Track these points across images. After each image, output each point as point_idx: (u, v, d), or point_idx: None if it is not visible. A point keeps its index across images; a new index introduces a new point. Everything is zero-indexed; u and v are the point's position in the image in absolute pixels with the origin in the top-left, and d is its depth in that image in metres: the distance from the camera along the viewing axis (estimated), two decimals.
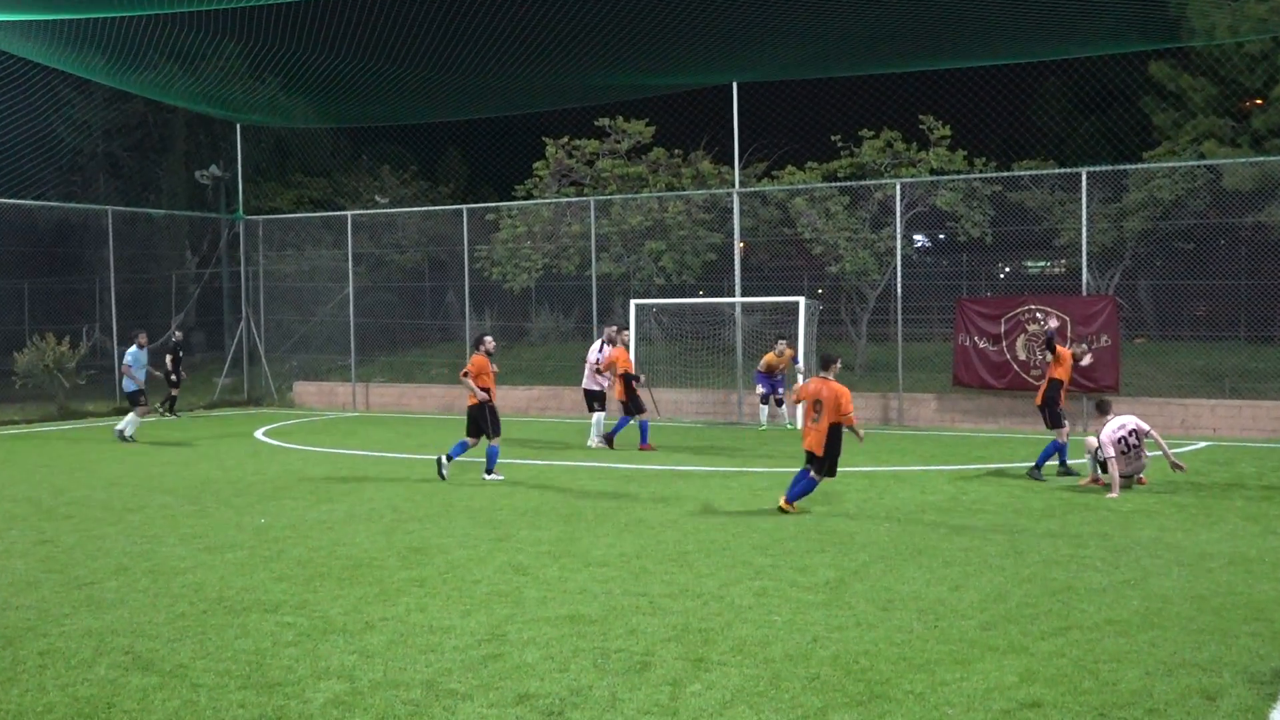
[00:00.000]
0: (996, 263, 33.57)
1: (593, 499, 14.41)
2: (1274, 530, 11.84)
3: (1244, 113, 27.97)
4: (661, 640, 7.89)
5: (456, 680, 7.09)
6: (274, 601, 9.12)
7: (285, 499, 14.67)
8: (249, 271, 32.70)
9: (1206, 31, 25.21)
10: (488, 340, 16.42)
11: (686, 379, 26.83)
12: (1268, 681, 6.88)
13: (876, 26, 23.13)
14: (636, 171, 32.89)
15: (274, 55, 24.49)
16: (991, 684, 6.87)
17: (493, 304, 33.34)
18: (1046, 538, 11.47)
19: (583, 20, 22.36)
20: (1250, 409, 21.56)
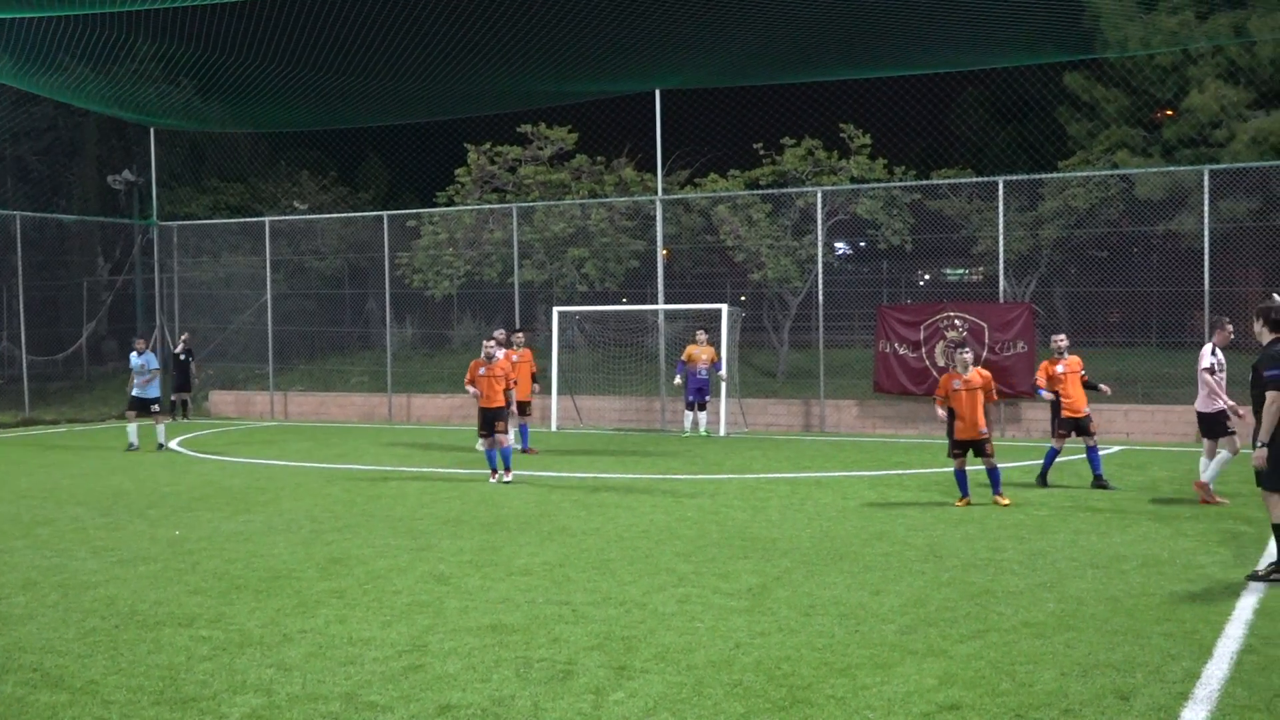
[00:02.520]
0: (916, 270, 34.01)
1: (514, 507, 14.33)
2: (1185, 533, 12.08)
3: (1155, 123, 28.60)
4: (584, 648, 7.85)
5: (376, 692, 6.99)
6: (189, 615, 8.95)
7: (201, 510, 14.41)
8: (163, 279, 32.13)
9: (1119, 44, 25.75)
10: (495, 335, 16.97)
11: (609, 386, 26.81)
12: (1179, 681, 7.00)
13: (798, 36, 23.31)
14: (559, 178, 32.83)
15: (189, 58, 24.10)
16: (911, 687, 6.92)
17: (414, 311, 33.09)
18: (965, 542, 11.60)
19: (505, 26, 22.29)
20: (1162, 413, 22.01)
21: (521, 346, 20.77)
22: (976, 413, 14.33)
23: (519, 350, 20.55)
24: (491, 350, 16.98)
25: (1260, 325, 9.87)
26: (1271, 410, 9.55)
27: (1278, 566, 9.69)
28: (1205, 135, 26.58)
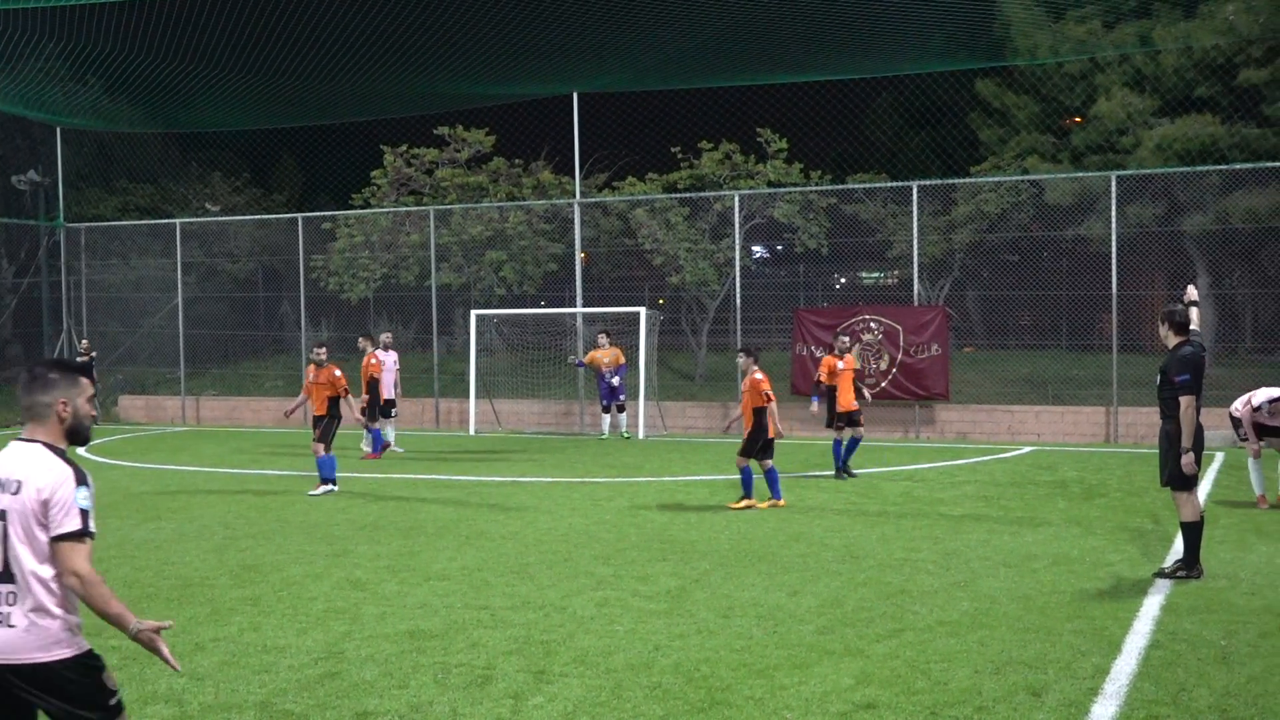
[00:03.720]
0: (833, 273, 34.33)
1: (432, 512, 14.23)
2: (1094, 531, 12.32)
3: (1064, 130, 29.17)
4: (503, 653, 7.81)
5: (292, 700, 6.90)
6: (96, 624, 8.65)
7: (110, 518, 14.11)
8: (70, 281, 31.41)
9: (1029, 51, 26.22)
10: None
11: (527, 390, 26.73)
12: (1089, 677, 7.13)
13: (714, 40, 23.42)
14: (477, 181, 32.67)
15: (96, 56, 23.59)
16: (829, 687, 6.98)
17: (329, 315, 32.71)
18: (881, 542, 11.73)
19: (422, 27, 22.13)
20: (1072, 415, 22.44)
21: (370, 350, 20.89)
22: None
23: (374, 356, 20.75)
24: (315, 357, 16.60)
25: (1165, 329, 10.06)
26: (1188, 415, 9.74)
27: (1184, 564, 9.93)
28: (1112, 142, 27.16)
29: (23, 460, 4.49)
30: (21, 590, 4.39)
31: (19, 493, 4.41)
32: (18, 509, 4.40)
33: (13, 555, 4.39)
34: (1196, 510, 9.92)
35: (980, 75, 29.38)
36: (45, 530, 4.39)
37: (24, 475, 4.44)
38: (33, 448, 4.53)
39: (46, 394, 4.57)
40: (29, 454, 4.51)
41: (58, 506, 4.39)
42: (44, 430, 4.58)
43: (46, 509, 4.39)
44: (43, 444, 4.55)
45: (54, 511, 4.39)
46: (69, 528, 4.39)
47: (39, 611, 4.40)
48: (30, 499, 4.39)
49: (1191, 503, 9.91)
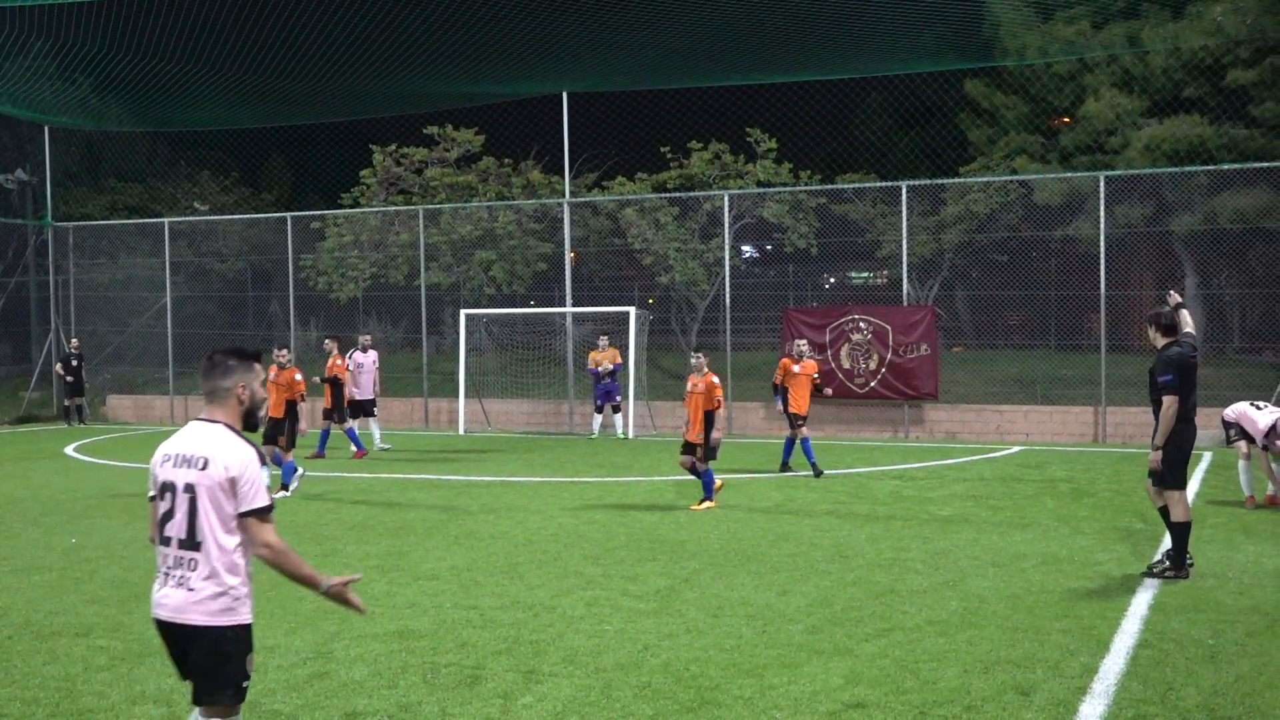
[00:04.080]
0: (822, 273, 34.39)
1: (422, 512, 14.21)
2: (1082, 531, 12.35)
3: (1053, 130, 29.23)
4: (492, 653, 7.81)
5: (281, 700, 6.88)
6: (86, 625, 8.73)
7: (98, 518, 14.07)
8: (58, 280, 31.32)
9: (1018, 52, 26.28)
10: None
11: (517, 390, 26.71)
12: (1077, 676, 7.15)
13: (704, 39, 23.44)
14: (466, 180, 32.65)
15: (85, 55, 23.51)
16: (818, 686, 6.98)
17: (318, 314, 32.66)
18: (870, 542, 11.74)
19: (411, 26, 22.10)
20: (1060, 414, 22.49)
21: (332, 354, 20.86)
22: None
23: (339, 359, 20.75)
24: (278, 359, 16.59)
25: (1153, 331, 10.12)
26: (1167, 414, 9.81)
27: (1171, 564, 9.95)
28: (1101, 142, 27.23)
29: (207, 439, 4.88)
30: (204, 558, 4.79)
31: (206, 469, 4.80)
32: (205, 484, 4.79)
33: (198, 525, 4.79)
34: (1185, 510, 9.96)
35: (969, 75, 29.44)
36: (231, 505, 4.80)
37: (209, 453, 4.82)
38: (215, 428, 4.92)
39: (227, 379, 4.98)
40: (213, 434, 4.89)
41: (248, 484, 4.81)
42: (224, 412, 4.98)
43: (235, 486, 4.79)
44: (224, 425, 4.95)
45: (244, 489, 4.80)
46: (259, 504, 4.84)
47: (215, 579, 4.80)
48: (218, 475, 4.78)
49: (1182, 503, 9.95)
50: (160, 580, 4.91)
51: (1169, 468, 9.93)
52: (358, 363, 21.46)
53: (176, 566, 4.84)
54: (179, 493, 4.84)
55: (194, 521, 4.80)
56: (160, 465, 4.96)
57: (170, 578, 4.86)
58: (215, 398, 4.99)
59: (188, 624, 4.81)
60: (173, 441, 4.99)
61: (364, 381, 21.42)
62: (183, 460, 4.88)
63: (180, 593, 4.82)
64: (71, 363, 28.20)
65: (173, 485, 4.87)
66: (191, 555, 4.81)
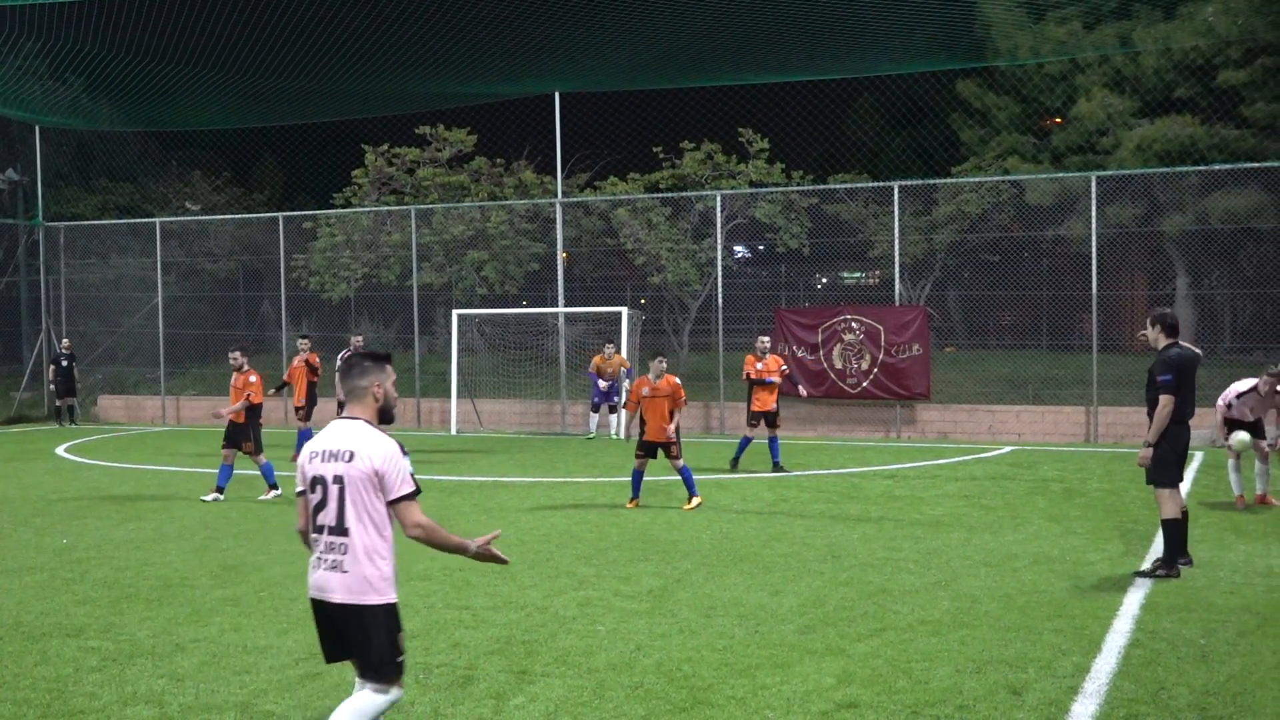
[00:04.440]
0: (814, 273, 34.40)
1: None
2: (1074, 531, 12.37)
3: (1045, 130, 29.28)
4: (484, 653, 7.80)
5: (273, 701, 6.87)
6: (77, 625, 8.71)
7: (89, 518, 14.04)
8: (49, 280, 31.24)
9: (1010, 52, 26.32)
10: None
11: (509, 390, 26.70)
12: (1069, 675, 7.16)
13: (696, 39, 23.44)
14: (458, 180, 32.63)
15: (76, 54, 23.46)
16: (810, 686, 6.99)
17: (310, 314, 32.61)
18: (862, 542, 11.75)
19: (403, 26, 22.08)
20: (1052, 414, 22.53)
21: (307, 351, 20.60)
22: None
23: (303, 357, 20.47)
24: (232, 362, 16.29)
25: (1155, 331, 10.16)
26: (1162, 413, 9.84)
27: (1163, 563, 9.97)
28: (1092, 143, 27.28)
29: (351, 435, 5.33)
30: (352, 543, 5.25)
31: (352, 461, 5.26)
32: (352, 475, 5.25)
33: (346, 514, 5.25)
34: (1177, 508, 9.97)
35: (961, 76, 29.49)
36: (377, 494, 5.26)
37: (355, 447, 5.28)
38: (357, 424, 5.38)
39: (364, 379, 5.47)
40: (356, 430, 5.35)
41: (395, 474, 5.26)
42: (362, 409, 5.45)
43: (383, 477, 5.24)
44: (364, 421, 5.42)
45: (392, 478, 5.26)
46: (407, 490, 5.28)
47: (363, 562, 5.25)
48: (364, 467, 5.24)
49: (1173, 501, 9.96)
50: (314, 564, 5.35)
51: (1159, 465, 9.95)
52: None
53: (329, 551, 5.29)
54: (329, 484, 5.30)
55: (343, 510, 5.26)
56: (309, 462, 5.39)
57: (323, 562, 5.31)
58: (354, 396, 5.47)
59: (341, 603, 5.26)
60: (320, 439, 5.44)
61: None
62: (330, 455, 5.32)
63: (334, 575, 5.27)
64: (62, 363, 28.13)
65: (323, 478, 5.32)
66: (342, 540, 5.26)
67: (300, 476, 5.45)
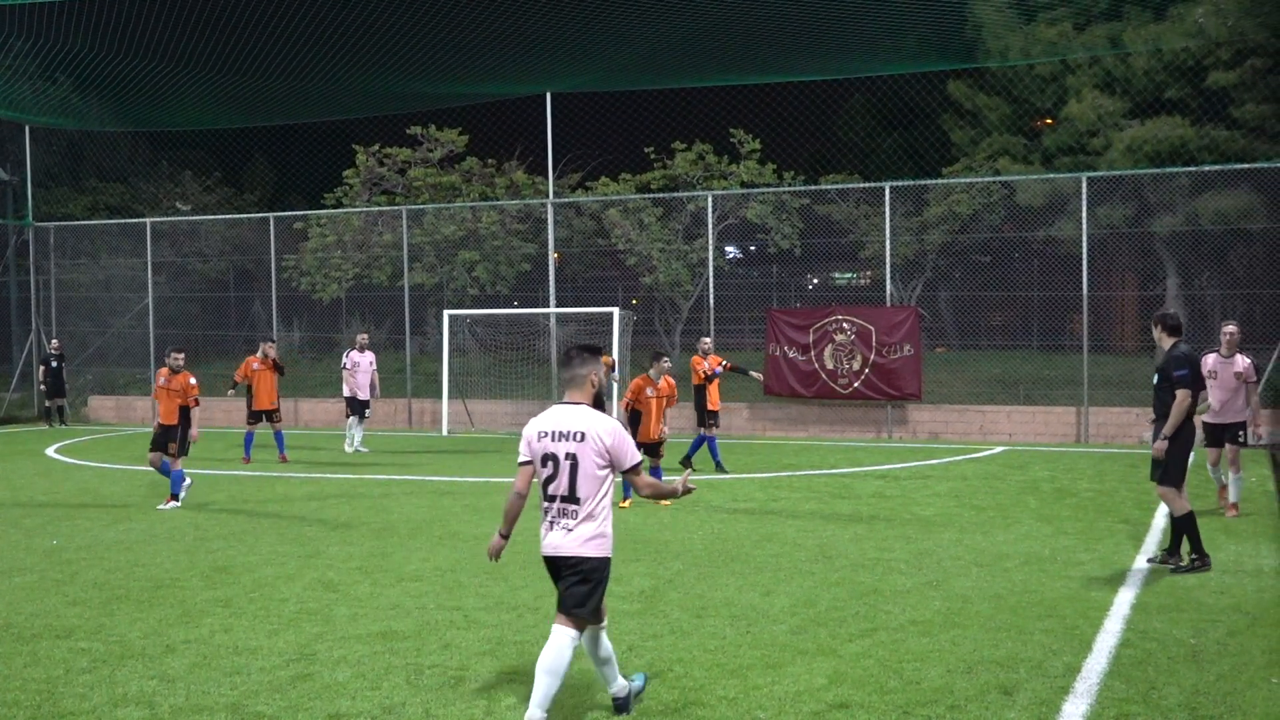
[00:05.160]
0: (805, 274, 34.40)
1: (405, 513, 14.18)
2: (1065, 531, 12.39)
3: (1035, 131, 29.31)
4: (476, 654, 7.79)
5: (264, 702, 6.86)
6: (67, 627, 8.69)
7: (79, 519, 14.01)
8: (39, 280, 31.15)
9: (1001, 53, 26.34)
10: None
11: (501, 390, 26.68)
12: (1060, 675, 7.17)
13: (688, 40, 23.43)
14: (449, 180, 32.59)
15: (66, 54, 23.39)
16: (802, 687, 6.99)
17: (301, 315, 32.56)
18: (853, 542, 11.76)
19: (394, 26, 22.05)
20: (1043, 414, 22.56)
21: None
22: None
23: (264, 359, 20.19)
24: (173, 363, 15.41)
25: (1159, 331, 10.40)
26: (1180, 407, 10.00)
27: (1195, 555, 10.15)
28: (1083, 143, 27.31)
29: (579, 418, 6.32)
30: (581, 509, 6.26)
31: (583, 440, 6.25)
32: (583, 452, 6.24)
33: (577, 484, 6.24)
34: (1185, 504, 10.19)
35: (952, 77, 29.51)
36: (603, 468, 6.26)
37: (584, 427, 6.28)
38: (580, 409, 6.38)
39: (583, 368, 6.45)
40: (581, 413, 6.35)
41: (621, 449, 6.28)
42: (581, 394, 6.44)
43: (614, 453, 6.26)
44: (585, 405, 6.41)
45: (622, 453, 6.28)
46: (636, 461, 6.35)
47: (590, 523, 6.27)
48: (595, 445, 6.23)
49: (1182, 499, 10.19)
50: (547, 526, 6.36)
51: (1170, 465, 10.11)
52: (354, 362, 21.32)
53: (561, 516, 6.30)
54: (561, 460, 6.28)
55: (574, 481, 6.24)
56: (538, 440, 6.37)
57: (556, 525, 6.32)
58: (574, 384, 6.47)
59: (570, 555, 6.27)
60: (545, 420, 6.40)
61: (360, 381, 21.27)
62: (560, 435, 6.30)
63: (565, 535, 6.28)
64: (52, 363, 28.05)
65: (554, 455, 6.30)
66: (573, 507, 6.26)
67: (526, 449, 6.45)
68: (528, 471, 6.48)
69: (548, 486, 6.36)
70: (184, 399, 15.16)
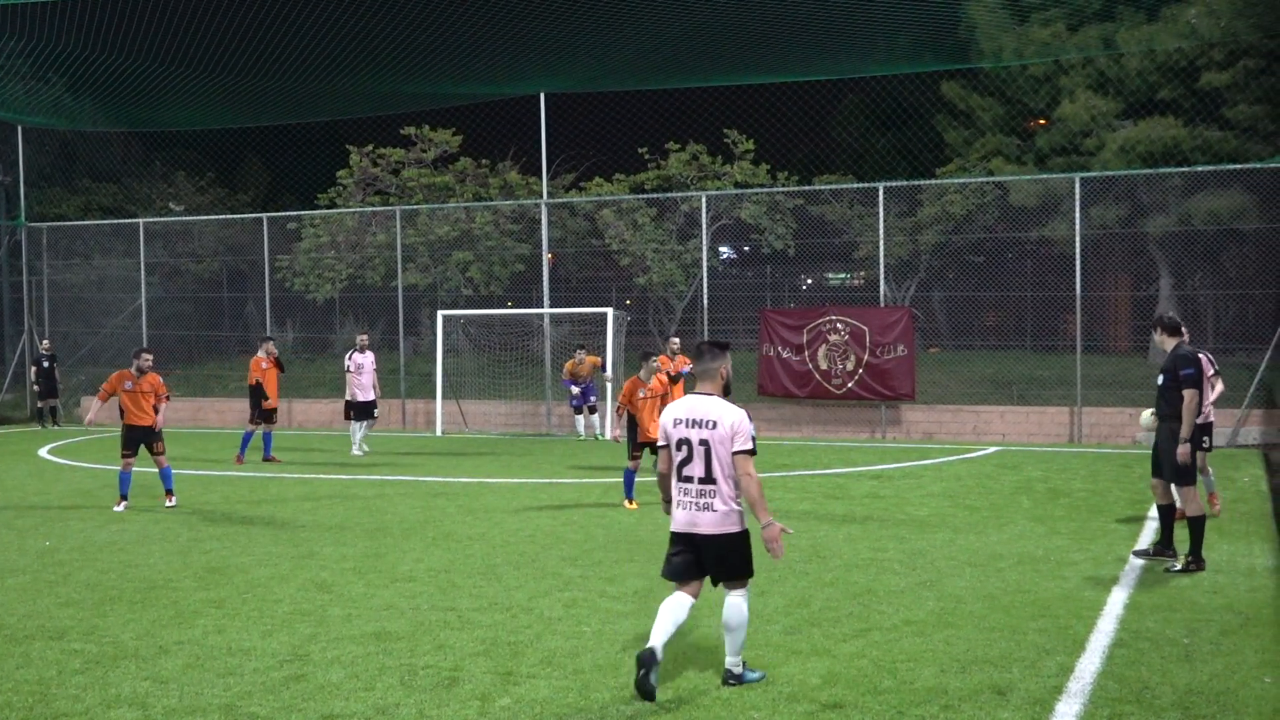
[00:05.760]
0: (799, 274, 34.42)
1: (399, 513, 14.17)
2: (1058, 531, 12.40)
3: (1029, 132, 29.34)
4: (470, 655, 7.79)
5: (257, 703, 6.85)
6: (60, 628, 8.67)
7: (72, 520, 13.99)
8: (32, 281, 31.09)
9: (994, 54, 26.37)
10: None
11: (495, 391, 26.66)
12: (1054, 675, 7.18)
13: (682, 40, 23.44)
14: (443, 181, 32.57)
15: (59, 54, 23.34)
16: (795, 687, 7.00)
17: (294, 315, 32.53)
18: (847, 542, 11.77)
19: (388, 26, 22.03)
20: (1036, 415, 22.58)
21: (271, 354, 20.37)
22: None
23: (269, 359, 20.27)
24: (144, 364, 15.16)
25: (1159, 333, 10.69)
26: (1191, 407, 10.15)
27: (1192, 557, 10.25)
28: (1076, 144, 27.34)
29: (711, 406, 7.00)
30: (718, 489, 6.92)
31: (715, 427, 6.90)
32: (717, 438, 6.90)
33: (712, 467, 6.90)
34: (1200, 505, 10.39)
35: (946, 77, 29.53)
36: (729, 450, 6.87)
37: (717, 416, 6.94)
38: (713, 399, 7.05)
39: (715, 361, 7.14)
40: (714, 403, 7.02)
41: (742, 435, 6.89)
42: (712, 386, 7.12)
43: (735, 437, 6.87)
44: (717, 396, 7.09)
45: (740, 437, 6.88)
46: (748, 447, 6.91)
47: (725, 501, 6.93)
48: (725, 431, 6.88)
49: (1197, 499, 10.37)
50: (684, 506, 7.00)
51: (1185, 465, 10.33)
52: (357, 363, 21.18)
53: (699, 496, 6.95)
54: (695, 446, 6.94)
55: (709, 464, 6.90)
56: (674, 426, 7.04)
57: (694, 505, 6.97)
58: (707, 376, 7.13)
59: (711, 533, 6.94)
60: (680, 409, 7.06)
61: (364, 382, 21.19)
62: (694, 423, 6.96)
63: (705, 514, 6.94)
64: (44, 364, 28.00)
65: (689, 440, 6.96)
66: (710, 488, 6.92)
67: (663, 435, 7.10)
68: (666, 454, 7.12)
69: (682, 468, 7.00)
70: (157, 398, 15.08)
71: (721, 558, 6.97)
